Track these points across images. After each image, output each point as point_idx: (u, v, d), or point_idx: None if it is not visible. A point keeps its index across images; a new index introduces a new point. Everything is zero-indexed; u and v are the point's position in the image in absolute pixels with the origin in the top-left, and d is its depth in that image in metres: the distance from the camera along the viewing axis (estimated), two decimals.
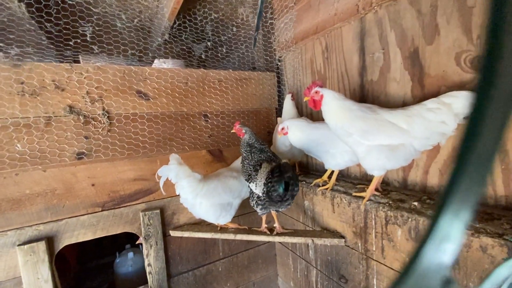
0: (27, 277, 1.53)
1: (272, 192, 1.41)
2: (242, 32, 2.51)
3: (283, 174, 1.38)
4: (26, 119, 1.54)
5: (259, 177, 1.54)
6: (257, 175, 1.54)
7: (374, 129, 1.27)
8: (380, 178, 1.48)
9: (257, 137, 1.73)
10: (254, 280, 2.43)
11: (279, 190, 1.38)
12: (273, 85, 2.45)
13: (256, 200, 1.59)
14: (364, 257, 1.51)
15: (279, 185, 1.38)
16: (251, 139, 1.70)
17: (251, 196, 1.64)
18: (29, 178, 1.57)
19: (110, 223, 1.79)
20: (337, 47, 1.85)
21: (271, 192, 1.41)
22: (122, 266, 2.27)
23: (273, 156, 1.66)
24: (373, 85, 1.62)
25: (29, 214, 1.57)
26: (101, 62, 2.02)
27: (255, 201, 1.61)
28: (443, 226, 0.28)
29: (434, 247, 0.28)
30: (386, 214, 1.33)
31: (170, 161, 1.65)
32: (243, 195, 1.81)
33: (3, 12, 1.63)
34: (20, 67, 1.52)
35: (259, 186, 1.51)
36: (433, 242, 0.28)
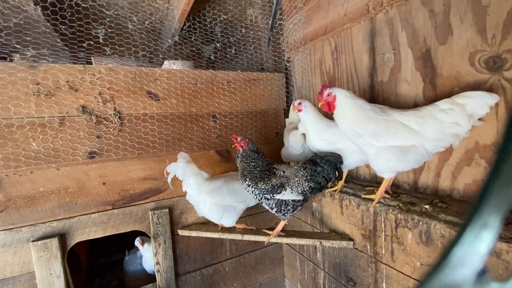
0: (40, 273, 1.57)
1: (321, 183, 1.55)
2: (251, 33, 2.52)
3: (331, 160, 1.55)
4: (41, 118, 1.59)
5: (292, 178, 1.55)
6: (289, 179, 1.54)
7: (384, 130, 1.25)
8: (390, 181, 1.46)
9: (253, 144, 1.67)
10: (261, 281, 2.42)
11: (333, 177, 1.56)
12: (281, 86, 2.45)
13: (293, 204, 1.56)
14: (373, 260, 1.49)
15: (332, 171, 1.55)
16: (254, 146, 1.63)
17: (283, 204, 1.55)
18: (43, 176, 1.61)
19: (120, 221, 1.82)
20: (346, 48, 1.84)
21: (319, 183, 1.55)
22: (131, 264, 2.30)
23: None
24: (383, 86, 1.60)
25: (43, 211, 1.62)
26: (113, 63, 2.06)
27: (291, 205, 1.55)
28: (483, 213, 0.28)
29: (473, 234, 0.28)
30: (396, 217, 1.31)
31: (178, 159, 1.70)
32: (248, 201, 1.79)
33: (20, 14, 1.69)
34: (36, 68, 1.57)
35: (298, 186, 1.54)
36: (473, 229, 0.28)
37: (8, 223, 1.54)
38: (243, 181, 1.60)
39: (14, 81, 1.52)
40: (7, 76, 1.50)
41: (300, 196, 1.55)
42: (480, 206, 0.28)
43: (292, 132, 1.88)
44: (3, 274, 1.52)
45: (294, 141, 1.88)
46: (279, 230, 1.73)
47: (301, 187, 1.53)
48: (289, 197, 1.54)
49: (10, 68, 1.51)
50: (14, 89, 1.52)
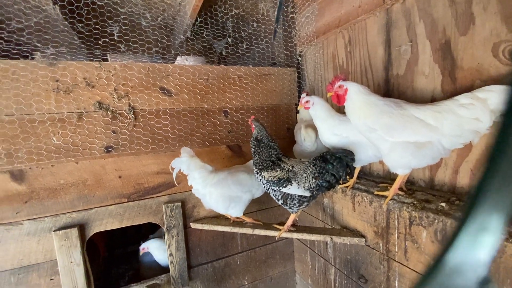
0: (61, 260, 1.66)
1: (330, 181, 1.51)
2: (263, 28, 2.50)
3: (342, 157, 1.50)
4: (60, 114, 1.66)
5: (299, 173, 1.53)
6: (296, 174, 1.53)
7: (399, 125, 1.21)
8: (404, 177, 1.42)
9: (267, 134, 1.68)
10: (272, 275, 2.44)
11: (343, 175, 1.51)
12: (293, 81, 2.42)
13: (299, 199, 1.55)
14: (386, 258, 1.46)
15: (342, 169, 1.50)
16: (260, 134, 1.64)
17: (289, 198, 1.56)
18: (64, 169, 1.69)
19: (135, 214, 1.88)
20: (361, 40, 1.79)
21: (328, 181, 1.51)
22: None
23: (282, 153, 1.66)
24: (399, 80, 1.55)
25: (63, 202, 1.70)
26: (127, 60, 2.11)
27: (297, 200, 1.55)
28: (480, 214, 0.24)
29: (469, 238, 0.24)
30: (411, 215, 1.27)
31: (181, 154, 1.73)
32: (255, 192, 1.80)
33: (40, 14, 1.75)
34: (55, 65, 1.63)
35: (305, 183, 1.51)
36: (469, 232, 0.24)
37: (32, 213, 1.63)
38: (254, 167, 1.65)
39: (35, 78, 1.59)
40: (29, 74, 1.57)
41: (307, 193, 1.52)
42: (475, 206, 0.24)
43: (304, 129, 1.85)
44: (29, 261, 1.62)
45: (306, 138, 1.85)
46: (289, 224, 1.72)
47: (308, 184, 1.51)
48: (295, 192, 1.53)
49: (31, 66, 1.58)
50: (36, 86, 1.59)
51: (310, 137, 1.84)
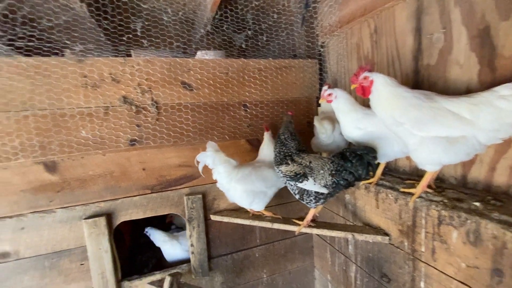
0: (91, 247, 1.76)
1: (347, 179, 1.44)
2: (283, 19, 2.44)
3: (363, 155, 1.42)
4: (88, 108, 1.73)
5: (316, 169, 1.49)
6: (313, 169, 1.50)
7: (429, 119, 1.14)
8: (433, 174, 1.34)
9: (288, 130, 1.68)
10: (291, 269, 2.44)
11: (362, 173, 1.43)
12: (314, 73, 2.35)
13: (315, 195, 1.53)
14: (411, 257, 1.40)
15: (362, 168, 1.42)
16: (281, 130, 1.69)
17: (305, 193, 1.55)
18: (92, 161, 1.78)
19: (158, 205, 1.95)
20: (388, 29, 1.69)
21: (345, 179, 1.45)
22: None
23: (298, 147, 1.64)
24: (430, 70, 1.45)
25: (92, 192, 1.79)
26: (150, 55, 2.15)
27: (314, 196, 1.53)
28: None
29: None
30: (440, 214, 1.20)
31: (207, 148, 1.75)
32: (279, 185, 1.80)
33: (68, 12, 1.83)
34: (83, 62, 1.70)
35: (321, 179, 1.47)
36: None
37: (64, 202, 1.74)
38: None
39: (65, 75, 1.67)
40: (59, 70, 1.66)
41: (323, 189, 1.48)
42: None
43: (318, 121, 1.80)
44: (61, 247, 1.74)
45: (321, 131, 1.80)
46: (309, 219, 1.70)
47: (324, 181, 1.47)
48: (311, 187, 1.50)
49: (62, 63, 1.66)
50: (66, 81, 1.67)
51: (326, 130, 1.79)
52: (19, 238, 1.66)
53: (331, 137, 1.82)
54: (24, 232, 1.67)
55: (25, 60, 1.60)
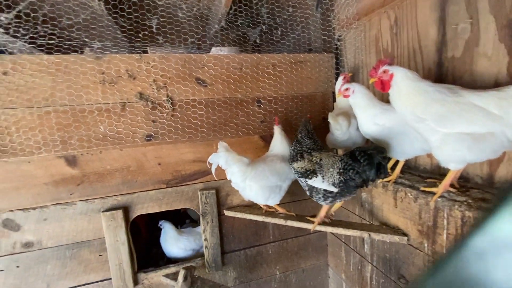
0: (109, 239, 1.82)
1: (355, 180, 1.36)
2: (299, 12, 2.39)
3: (373, 155, 1.31)
4: (106, 104, 1.77)
5: (326, 167, 1.46)
6: (322, 167, 1.48)
7: (453, 114, 1.08)
8: (457, 173, 1.27)
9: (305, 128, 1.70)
10: (304, 267, 2.42)
11: (370, 174, 1.32)
12: (330, 67, 2.29)
13: (324, 193, 1.50)
14: (431, 259, 1.35)
15: (370, 169, 1.32)
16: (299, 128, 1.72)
17: (314, 190, 1.54)
18: (110, 156, 1.83)
19: (173, 199, 1.98)
20: (409, 20, 1.61)
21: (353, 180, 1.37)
22: None
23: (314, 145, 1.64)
24: (455, 63, 1.37)
25: (110, 186, 1.85)
26: (165, 51, 2.17)
27: (322, 194, 1.51)
28: None
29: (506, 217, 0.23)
30: (463, 214, 1.14)
31: (218, 149, 1.74)
32: (293, 176, 1.79)
33: (87, 10, 1.87)
34: (101, 59, 1.74)
35: (329, 178, 1.44)
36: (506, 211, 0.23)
37: (84, 195, 1.80)
38: None
39: (84, 71, 1.71)
40: (79, 67, 1.70)
41: (332, 188, 1.43)
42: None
43: (332, 118, 1.75)
44: (81, 238, 1.81)
45: (335, 127, 1.76)
46: (322, 216, 1.67)
47: (332, 179, 1.42)
48: (319, 185, 1.48)
49: (81, 60, 1.71)
50: (85, 78, 1.72)
51: (341, 126, 1.74)
52: (42, 229, 1.74)
53: (347, 133, 1.77)
54: (47, 223, 1.74)
55: (47, 58, 1.66)
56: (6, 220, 1.67)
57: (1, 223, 1.67)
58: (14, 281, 1.71)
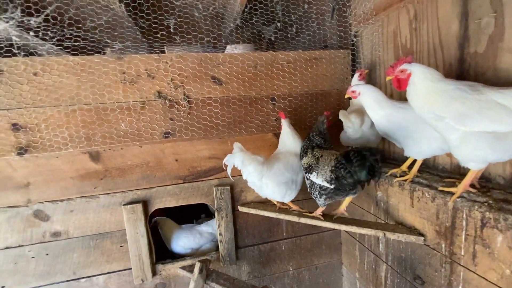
0: (129, 231, 1.91)
1: (346, 179, 1.38)
2: (314, 8, 2.36)
3: (366, 156, 1.31)
4: (127, 103, 1.85)
5: (321, 165, 1.51)
6: (318, 163, 1.53)
7: (474, 112, 1.04)
8: (477, 173, 1.23)
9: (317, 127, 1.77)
10: (317, 265, 2.43)
11: (361, 175, 1.32)
12: (346, 64, 2.26)
13: (319, 190, 1.55)
14: (449, 260, 1.32)
15: (361, 170, 1.32)
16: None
17: (313, 186, 1.61)
18: (130, 152, 1.91)
19: (189, 194, 2.05)
20: (429, 15, 1.56)
21: (344, 178, 1.39)
22: None
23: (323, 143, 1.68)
24: (477, 58, 1.32)
25: (130, 181, 1.93)
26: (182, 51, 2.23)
27: (318, 191, 1.57)
28: None
29: None
30: (483, 215, 1.11)
31: (234, 150, 1.76)
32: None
33: (109, 13, 1.95)
34: (122, 59, 1.82)
35: (323, 174, 1.48)
36: None
37: (106, 188, 1.90)
38: None
39: (106, 71, 1.80)
40: (101, 67, 1.79)
41: (326, 184, 1.47)
42: None
43: (343, 115, 1.74)
44: (104, 229, 1.91)
45: (347, 125, 1.74)
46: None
47: (325, 175, 1.46)
48: (315, 180, 1.54)
49: (103, 60, 1.79)
50: (107, 78, 1.80)
51: (353, 124, 1.72)
52: (68, 220, 1.85)
53: (359, 131, 1.75)
54: (73, 214, 1.86)
55: (72, 59, 1.75)
56: (37, 211, 1.80)
57: (32, 213, 1.80)
58: (44, 268, 1.84)
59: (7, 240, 1.77)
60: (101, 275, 1.94)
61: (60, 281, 1.87)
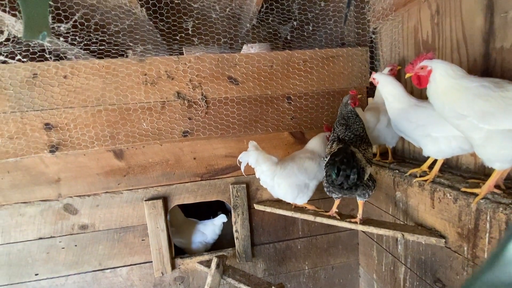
0: (150, 225, 2.00)
1: (327, 176, 1.41)
2: (331, 6, 2.34)
3: (335, 158, 1.34)
4: (148, 103, 1.94)
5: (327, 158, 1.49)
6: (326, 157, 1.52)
7: (499, 110, 1.00)
8: (503, 173, 1.18)
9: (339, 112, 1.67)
10: (333, 265, 2.41)
11: (332, 175, 1.35)
12: (364, 61, 2.21)
13: (326, 183, 1.56)
14: (471, 264, 1.27)
15: (332, 170, 1.34)
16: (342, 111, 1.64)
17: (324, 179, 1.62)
18: (151, 150, 2.00)
19: (206, 191, 2.11)
20: (452, 9, 1.50)
21: (326, 176, 1.43)
22: None
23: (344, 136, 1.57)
24: (504, 54, 1.25)
25: (151, 177, 2.02)
26: (200, 52, 2.29)
27: (324, 183, 1.59)
28: None
29: None
30: (509, 218, 1.06)
31: (249, 148, 1.78)
32: (320, 177, 1.80)
33: (131, 17, 2.05)
34: (143, 61, 1.90)
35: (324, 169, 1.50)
36: None
37: (129, 185, 1.99)
38: None
39: (129, 73, 1.89)
40: (124, 69, 1.88)
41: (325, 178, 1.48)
42: None
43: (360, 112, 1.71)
44: (127, 223, 2.01)
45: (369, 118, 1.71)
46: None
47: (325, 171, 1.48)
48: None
49: (126, 63, 1.88)
50: (130, 79, 1.89)
51: (367, 122, 1.69)
52: (94, 214, 1.97)
53: (374, 130, 1.72)
54: (99, 208, 1.97)
55: (98, 62, 1.86)
56: (67, 204, 1.93)
57: (62, 207, 1.93)
58: (73, 258, 1.97)
59: (41, 231, 1.92)
60: (124, 266, 2.04)
61: (87, 271, 2.00)
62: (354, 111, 1.60)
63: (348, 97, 1.64)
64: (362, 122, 1.60)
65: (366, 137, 1.58)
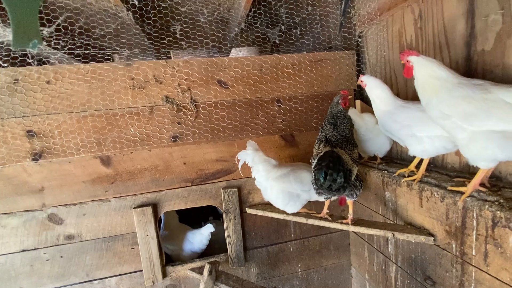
0: (140, 233, 1.95)
1: (316, 180, 1.42)
2: (318, 10, 2.37)
3: (322, 163, 1.38)
4: (136, 108, 1.90)
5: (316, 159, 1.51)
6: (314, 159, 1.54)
7: (481, 112, 1.04)
8: (488, 171, 1.22)
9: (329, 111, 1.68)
10: (326, 266, 2.42)
11: (320, 179, 1.38)
12: (351, 65, 2.26)
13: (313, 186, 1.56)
14: (460, 261, 1.30)
15: (320, 174, 1.38)
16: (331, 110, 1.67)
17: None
18: (140, 156, 1.95)
19: (197, 197, 2.07)
20: (435, 14, 1.55)
21: (314, 180, 1.44)
22: None
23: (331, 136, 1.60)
24: (485, 56, 1.30)
25: (140, 184, 1.97)
26: (188, 56, 2.27)
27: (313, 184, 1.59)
28: None
29: None
30: (494, 215, 1.10)
31: (247, 147, 1.80)
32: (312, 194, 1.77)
33: (117, 21, 2.01)
34: (130, 65, 1.87)
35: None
36: None
37: (117, 192, 1.94)
38: None
39: (116, 78, 1.85)
40: (111, 74, 1.84)
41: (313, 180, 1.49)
42: None
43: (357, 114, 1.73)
44: (115, 231, 1.95)
45: (359, 125, 1.74)
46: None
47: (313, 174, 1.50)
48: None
49: (112, 67, 1.84)
50: (116, 84, 1.85)
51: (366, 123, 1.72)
52: (81, 223, 1.90)
53: (373, 131, 1.74)
54: (86, 217, 1.91)
55: (83, 67, 1.81)
56: (51, 214, 1.86)
57: (47, 217, 1.85)
58: (59, 270, 1.90)
59: (24, 243, 1.83)
60: (113, 277, 1.98)
61: (74, 283, 1.92)
62: (343, 111, 1.64)
63: (339, 96, 1.67)
64: (350, 123, 1.63)
65: (352, 138, 1.63)
